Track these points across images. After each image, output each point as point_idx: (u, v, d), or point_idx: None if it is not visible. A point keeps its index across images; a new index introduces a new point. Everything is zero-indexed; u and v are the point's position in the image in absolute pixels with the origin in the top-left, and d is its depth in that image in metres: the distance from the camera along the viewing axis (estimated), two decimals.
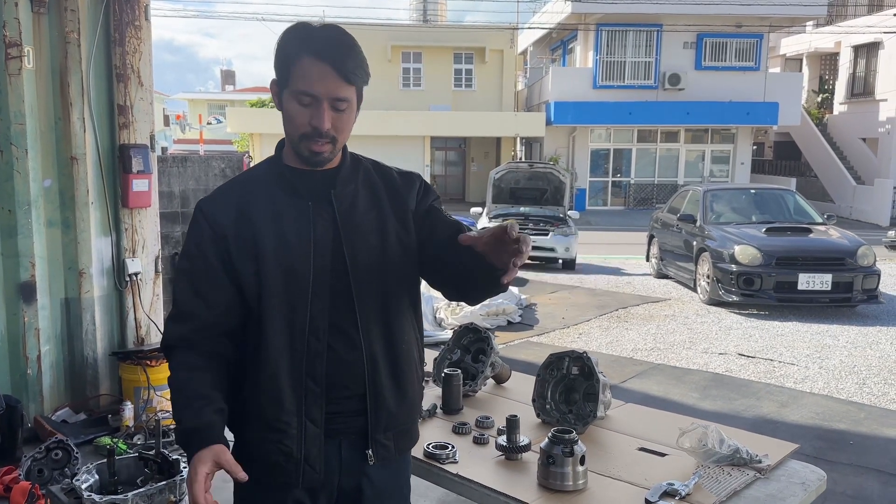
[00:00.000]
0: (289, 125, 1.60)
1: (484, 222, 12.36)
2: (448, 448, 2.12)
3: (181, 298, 1.64)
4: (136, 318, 4.51)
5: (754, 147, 26.65)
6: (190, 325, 1.60)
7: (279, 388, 1.57)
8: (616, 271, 12.22)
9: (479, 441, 2.22)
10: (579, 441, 1.91)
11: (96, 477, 2.52)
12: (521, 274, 11.42)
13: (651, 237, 11.79)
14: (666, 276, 11.10)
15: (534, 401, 2.41)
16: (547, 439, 1.93)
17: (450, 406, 2.49)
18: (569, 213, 12.63)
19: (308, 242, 1.58)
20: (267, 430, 1.59)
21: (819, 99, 26.86)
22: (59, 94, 4.09)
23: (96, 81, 4.23)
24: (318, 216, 1.61)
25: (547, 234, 11.82)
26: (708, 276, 9.07)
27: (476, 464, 2.08)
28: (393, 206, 1.69)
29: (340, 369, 1.60)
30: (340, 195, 1.64)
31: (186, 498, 2.56)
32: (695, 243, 9.64)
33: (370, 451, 1.64)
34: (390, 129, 23.13)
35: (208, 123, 32.98)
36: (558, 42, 27.43)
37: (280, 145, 1.70)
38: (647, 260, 12.00)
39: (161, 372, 4.25)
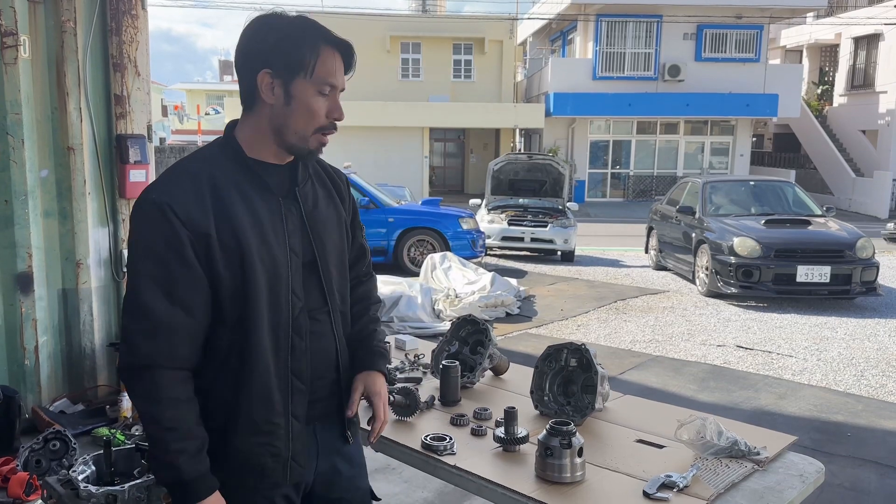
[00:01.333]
0: (305, 117, 1.54)
1: (482, 214, 12.35)
2: (446, 440, 2.12)
3: (151, 307, 1.44)
4: None
5: (754, 139, 26.63)
6: (169, 339, 1.46)
7: (269, 390, 1.55)
8: (615, 263, 12.22)
9: (477, 433, 2.22)
10: (577, 433, 1.91)
11: (93, 468, 2.52)
12: (520, 266, 11.44)
13: (650, 229, 11.79)
14: (665, 268, 11.11)
15: (532, 392, 2.41)
16: (545, 431, 1.93)
17: (448, 398, 2.48)
18: (568, 204, 12.62)
19: (284, 241, 1.57)
20: (256, 434, 1.55)
21: (819, 91, 26.82)
22: (55, 83, 4.06)
23: (93, 71, 4.20)
24: (288, 212, 1.59)
25: (546, 226, 11.81)
26: (707, 268, 9.07)
27: (474, 455, 2.08)
28: (339, 200, 1.74)
29: (318, 360, 1.64)
30: (303, 190, 1.64)
31: None
32: (694, 235, 9.63)
33: (349, 433, 1.73)
34: (389, 120, 23.08)
35: (206, 114, 32.88)
36: (558, 33, 27.34)
37: (230, 129, 1.60)
38: (646, 252, 12.00)
39: None
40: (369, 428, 1.77)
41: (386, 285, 7.61)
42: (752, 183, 11.01)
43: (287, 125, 1.54)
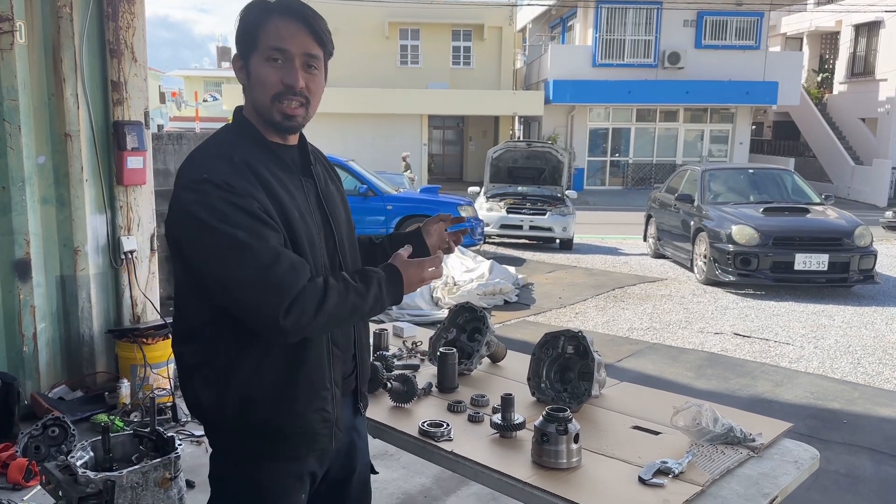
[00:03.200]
0: (259, 89, 1.57)
1: (481, 202, 12.33)
2: (443, 426, 2.13)
3: (288, 256, 1.48)
4: (131, 296, 4.50)
5: (753, 127, 26.57)
6: (296, 269, 1.49)
7: (321, 357, 1.63)
8: (613, 251, 12.23)
9: (474, 419, 2.23)
10: (573, 419, 1.92)
11: (91, 454, 2.52)
12: (518, 254, 11.44)
13: (648, 217, 11.78)
14: (663, 256, 11.11)
15: (529, 379, 2.41)
16: (541, 417, 1.93)
17: (445, 384, 2.49)
18: (566, 192, 12.60)
19: (312, 216, 1.64)
20: (314, 399, 1.62)
21: (819, 78, 26.73)
22: (51, 69, 4.05)
23: (89, 57, 4.19)
24: (308, 190, 1.67)
25: (544, 214, 11.80)
26: (705, 256, 9.08)
27: (471, 441, 2.09)
28: (339, 182, 1.84)
29: (345, 333, 1.73)
30: (317, 170, 1.73)
31: (181, 475, 2.58)
32: (692, 223, 9.63)
33: (361, 405, 1.84)
34: (387, 107, 22.99)
35: (204, 101, 32.76)
36: (558, 19, 27.20)
37: (241, 114, 1.65)
38: (645, 240, 12.01)
39: (157, 350, 4.26)
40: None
41: None
42: (750, 171, 10.99)
43: (254, 102, 1.60)
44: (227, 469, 1.68)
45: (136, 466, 2.46)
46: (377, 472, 1.95)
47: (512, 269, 9.06)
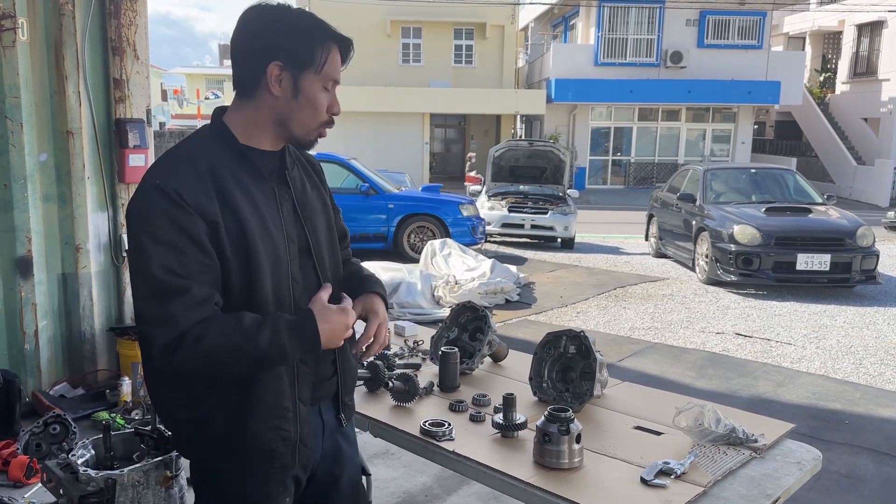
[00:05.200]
0: (310, 111, 1.56)
1: (483, 200, 12.33)
2: (444, 425, 2.12)
3: (195, 291, 1.42)
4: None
5: (755, 126, 26.53)
6: (195, 308, 1.43)
7: (279, 375, 1.56)
8: (615, 250, 12.22)
9: (476, 419, 2.22)
10: (575, 419, 1.91)
11: (92, 452, 2.52)
12: (519, 253, 11.44)
13: (650, 216, 11.77)
14: (664, 256, 11.10)
15: (531, 379, 2.41)
16: (543, 417, 1.93)
17: (447, 384, 2.49)
18: (568, 191, 12.59)
19: (281, 228, 1.59)
20: (269, 418, 1.56)
21: (821, 78, 26.68)
22: (53, 67, 4.04)
23: (91, 54, 4.18)
24: (281, 199, 1.61)
25: (546, 213, 11.79)
26: (707, 256, 9.07)
27: (472, 441, 2.08)
28: (322, 185, 1.78)
29: None
30: (292, 174, 1.66)
31: (182, 473, 2.58)
32: (694, 223, 9.62)
33: (342, 416, 1.77)
34: (389, 105, 22.97)
35: (206, 98, 32.76)
36: (560, 18, 27.18)
37: (218, 118, 1.59)
38: (646, 239, 11.99)
39: None
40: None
41: (386, 271, 7.61)
42: (752, 170, 10.98)
43: (292, 118, 1.56)
44: (206, 476, 1.66)
45: (137, 465, 2.46)
46: (370, 474, 1.93)
47: (513, 268, 9.06)
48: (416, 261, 9.12)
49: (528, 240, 12.33)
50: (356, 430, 2.00)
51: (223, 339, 1.42)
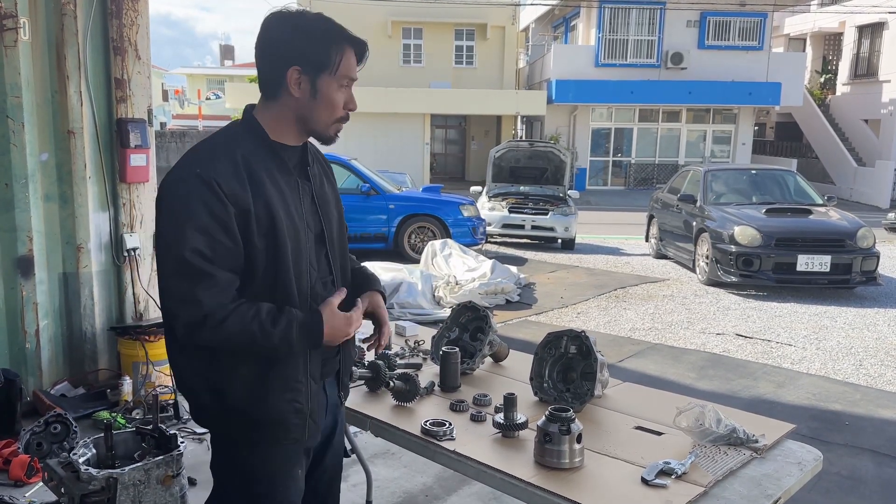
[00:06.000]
0: (327, 109, 1.70)
1: (483, 201, 12.33)
2: (445, 425, 2.13)
3: (220, 276, 1.59)
4: (134, 294, 4.51)
5: (756, 127, 26.53)
6: (221, 291, 1.59)
7: (297, 353, 1.71)
8: (615, 251, 12.22)
9: (477, 419, 2.23)
10: (576, 419, 1.91)
11: (94, 451, 2.53)
12: (520, 253, 11.44)
13: (651, 217, 11.77)
14: (665, 257, 11.10)
15: (531, 379, 2.41)
16: (544, 417, 1.93)
17: (447, 384, 2.49)
18: (569, 192, 12.59)
19: (303, 218, 1.74)
20: (286, 391, 1.70)
21: (822, 79, 26.68)
22: (55, 66, 4.05)
23: (93, 54, 4.19)
24: (303, 191, 1.77)
25: (546, 214, 11.79)
26: (707, 257, 9.07)
27: (473, 441, 2.09)
28: (333, 181, 1.94)
29: None
30: (312, 170, 1.82)
31: (183, 472, 2.58)
32: (694, 224, 9.62)
33: (341, 394, 1.96)
34: (390, 106, 22.95)
35: (207, 99, 32.79)
36: (560, 19, 27.17)
37: (250, 114, 1.73)
38: (647, 240, 11.99)
39: (159, 347, 4.26)
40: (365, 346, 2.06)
41: (386, 272, 7.62)
42: (753, 171, 10.98)
43: (312, 116, 1.71)
44: (226, 448, 1.78)
45: (138, 464, 2.46)
46: (349, 456, 2.12)
47: (514, 268, 9.06)
48: (417, 261, 9.13)
49: (529, 240, 12.33)
50: (356, 429, 2.08)
51: (242, 325, 1.59)
